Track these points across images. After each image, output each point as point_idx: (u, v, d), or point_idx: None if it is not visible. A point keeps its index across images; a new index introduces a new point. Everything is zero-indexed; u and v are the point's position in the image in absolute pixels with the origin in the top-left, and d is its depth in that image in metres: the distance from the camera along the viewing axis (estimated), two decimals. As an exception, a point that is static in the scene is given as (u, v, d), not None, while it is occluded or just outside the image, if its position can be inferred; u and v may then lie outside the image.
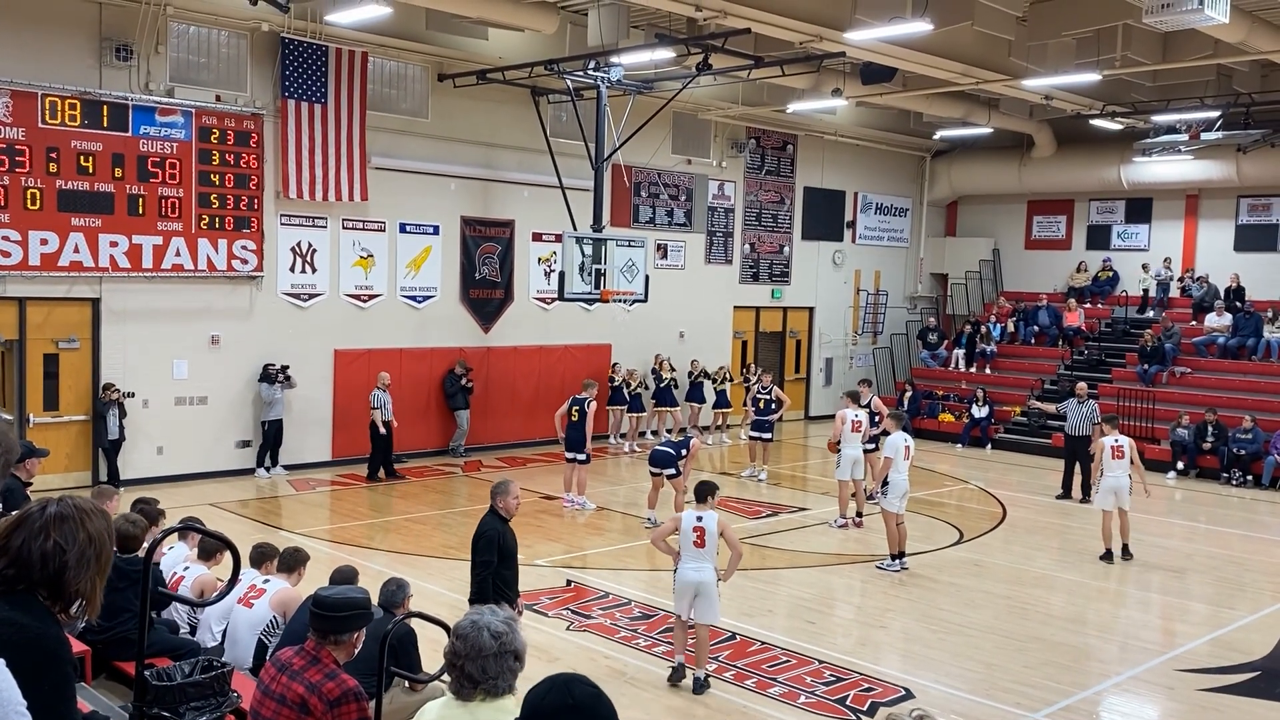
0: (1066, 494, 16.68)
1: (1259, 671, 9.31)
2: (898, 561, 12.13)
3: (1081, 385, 17.41)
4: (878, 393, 25.11)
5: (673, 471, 13.65)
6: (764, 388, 17.46)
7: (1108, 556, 12.93)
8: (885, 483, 12.14)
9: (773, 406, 17.26)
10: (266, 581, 6.95)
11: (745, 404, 19.05)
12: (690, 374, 21.12)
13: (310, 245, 16.85)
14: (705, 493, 8.79)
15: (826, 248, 24.95)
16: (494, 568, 7.42)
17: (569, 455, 15.06)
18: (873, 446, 14.66)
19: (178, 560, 7.48)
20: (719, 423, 21.37)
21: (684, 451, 13.82)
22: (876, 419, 14.93)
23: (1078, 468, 16.51)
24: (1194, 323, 22.38)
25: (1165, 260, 23.59)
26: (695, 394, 21.11)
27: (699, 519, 8.71)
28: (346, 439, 17.19)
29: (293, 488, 15.76)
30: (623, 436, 20.07)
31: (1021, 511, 15.81)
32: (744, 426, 21.66)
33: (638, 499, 15.84)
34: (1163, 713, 8.59)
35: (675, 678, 8.50)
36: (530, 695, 2.61)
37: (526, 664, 3.36)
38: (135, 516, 6.83)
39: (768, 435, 17.45)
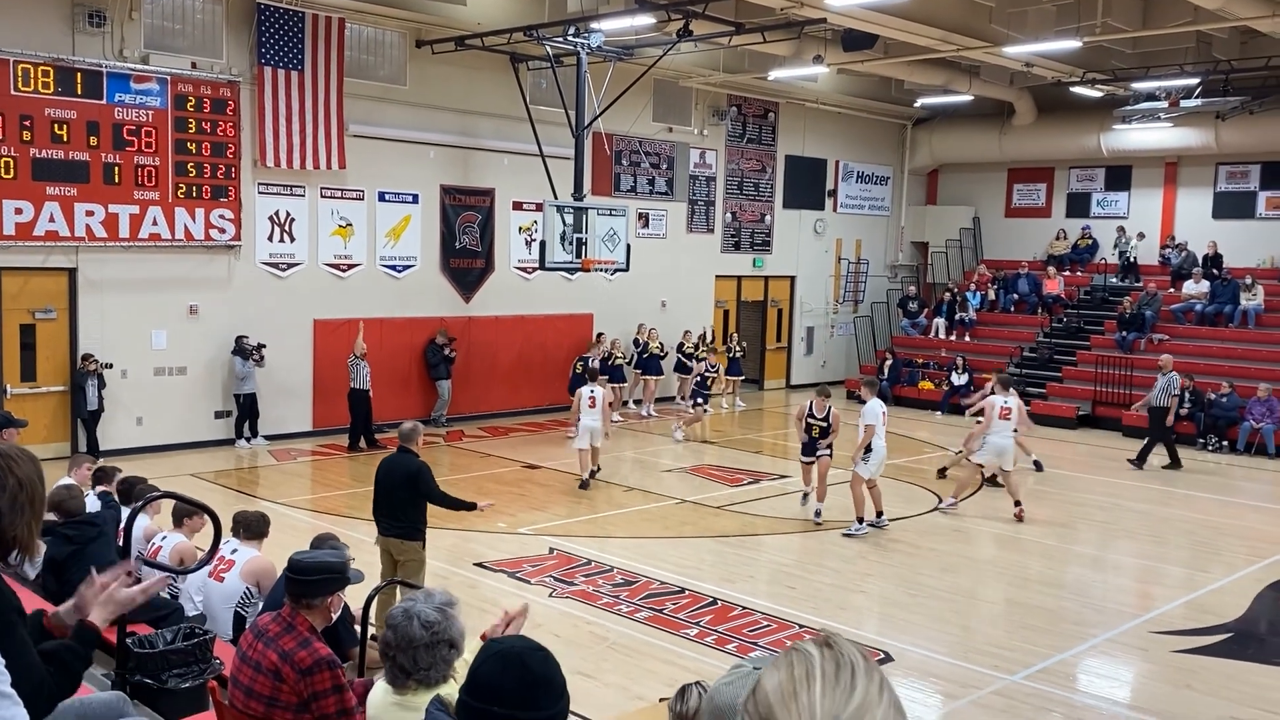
0: (1140, 464, 16.82)
1: (1232, 633, 9.45)
2: (865, 524, 12.28)
3: (1166, 358, 17.48)
4: (859, 360, 25.34)
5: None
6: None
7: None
8: (869, 450, 12.20)
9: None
10: (235, 552, 6.81)
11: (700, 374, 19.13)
12: (682, 347, 21.08)
13: (288, 214, 16.73)
14: (596, 373, 14.61)
15: (808, 216, 24.95)
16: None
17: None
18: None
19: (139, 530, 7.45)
20: (728, 389, 21.53)
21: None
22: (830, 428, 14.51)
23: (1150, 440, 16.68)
24: (1172, 290, 22.51)
25: (1138, 234, 23.61)
26: (683, 368, 21.11)
27: (592, 392, 14.07)
28: (327, 409, 17.16)
29: (273, 458, 15.73)
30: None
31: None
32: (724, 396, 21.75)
33: (620, 468, 15.90)
34: (1138, 674, 8.72)
35: (584, 485, 13.80)
36: (481, 675, 2.37)
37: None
38: (74, 486, 6.91)
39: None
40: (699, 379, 18.88)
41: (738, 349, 21.96)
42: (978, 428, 13.73)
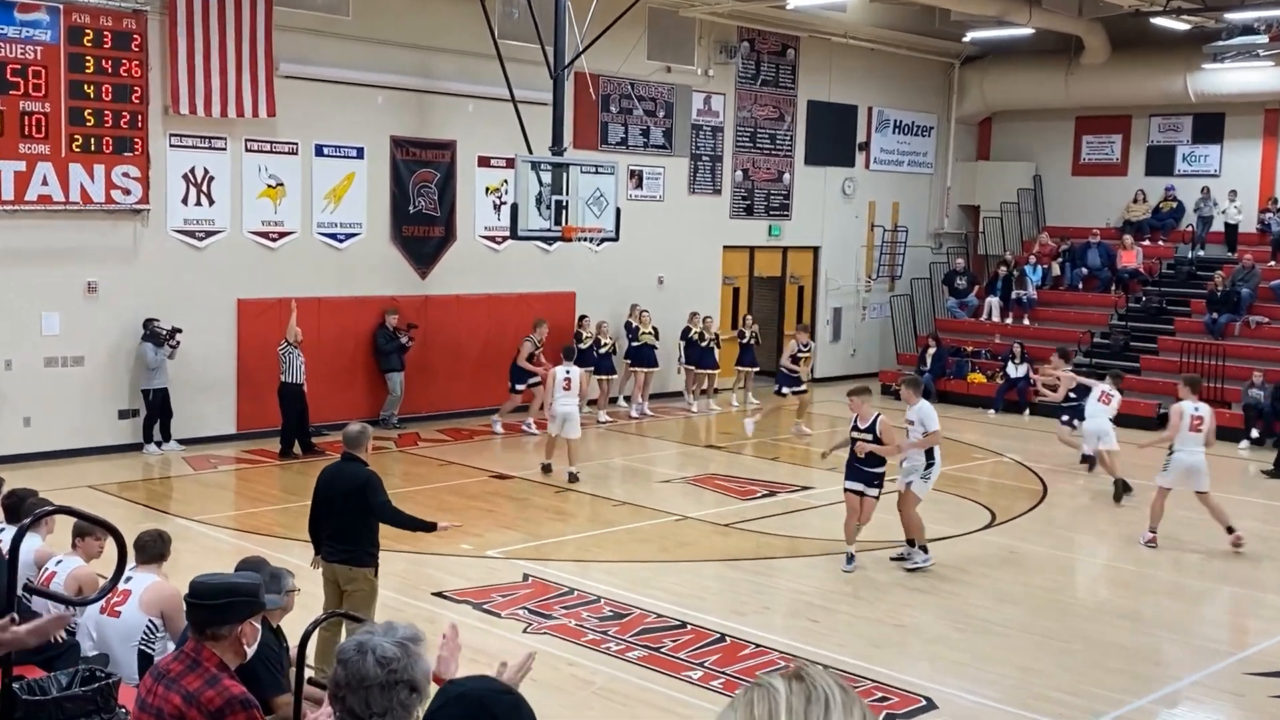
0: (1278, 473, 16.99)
1: (1343, 674, 9.50)
2: (929, 553, 12.02)
3: None
4: (896, 348, 25.37)
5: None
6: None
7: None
8: (929, 462, 11.84)
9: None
10: (130, 580, 6.70)
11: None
12: (688, 332, 21.06)
13: (206, 172, 16.68)
14: (572, 351, 16.19)
15: (835, 175, 24.94)
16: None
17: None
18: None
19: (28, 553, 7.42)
20: (739, 382, 21.66)
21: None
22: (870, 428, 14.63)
23: None
24: (1273, 263, 22.58)
25: (1230, 194, 23.61)
26: (700, 358, 21.14)
27: (567, 372, 15.21)
28: (253, 408, 17.14)
29: (189, 466, 15.72)
30: (591, 404, 20.09)
31: (1066, 489, 15.97)
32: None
33: (607, 476, 15.91)
34: (1229, 723, 8.77)
35: (546, 470, 15.25)
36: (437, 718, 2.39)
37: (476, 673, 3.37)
38: None
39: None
40: (790, 358, 19.19)
41: (751, 334, 21.97)
42: (1155, 438, 13.25)
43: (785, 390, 19.11)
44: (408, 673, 3.34)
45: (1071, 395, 16.92)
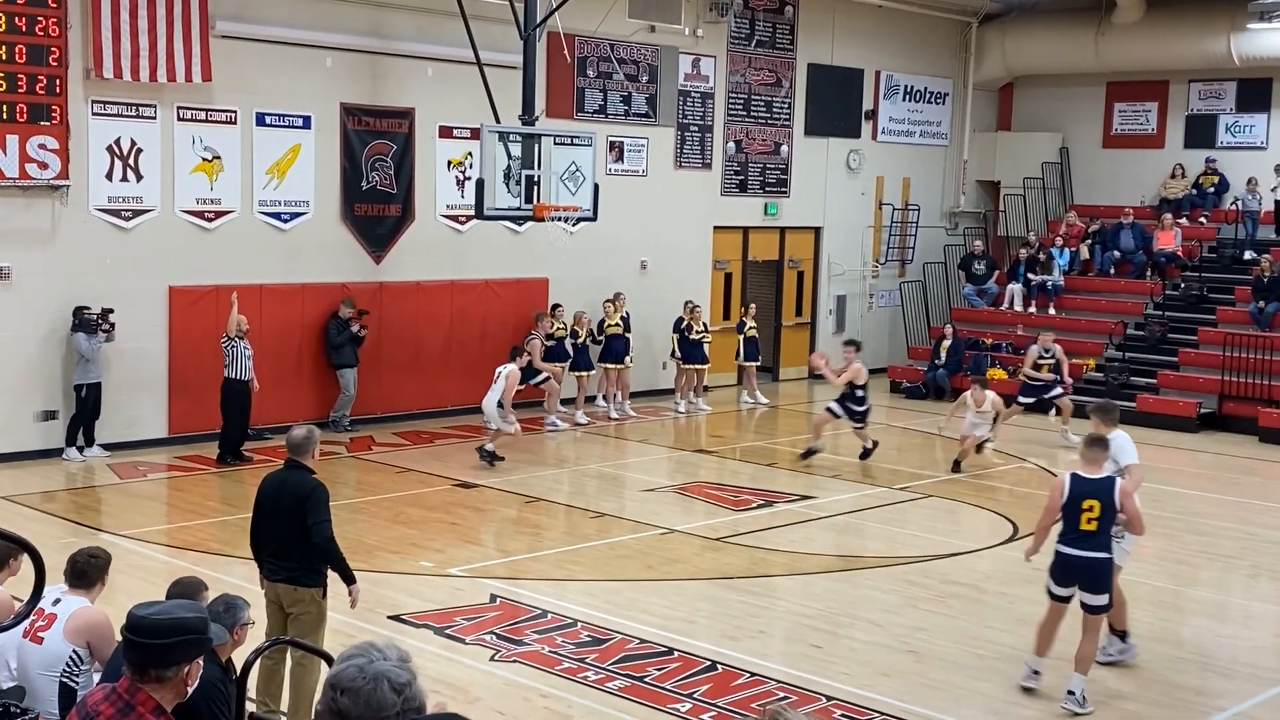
0: None
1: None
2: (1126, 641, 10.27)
3: None
4: (907, 340, 25.43)
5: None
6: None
7: None
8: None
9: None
10: (58, 604, 6.68)
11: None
12: (681, 323, 21.05)
13: (134, 144, 16.62)
14: (517, 352, 16.34)
15: (838, 147, 24.98)
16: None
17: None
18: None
19: None
20: (695, 383, 21.52)
21: None
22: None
23: None
24: (1325, 246, 22.70)
25: (1276, 169, 23.71)
26: (691, 354, 21.15)
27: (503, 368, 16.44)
28: (188, 408, 17.09)
29: (115, 475, 15.66)
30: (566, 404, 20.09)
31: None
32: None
33: (584, 484, 15.92)
34: (1278, 759, 8.82)
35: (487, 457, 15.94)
36: None
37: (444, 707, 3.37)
38: None
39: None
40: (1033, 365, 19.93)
41: (750, 326, 22.00)
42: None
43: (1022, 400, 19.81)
44: (419, 698, 3.30)
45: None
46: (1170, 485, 16.63)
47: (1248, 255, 23.06)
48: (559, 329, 19.79)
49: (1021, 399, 19.86)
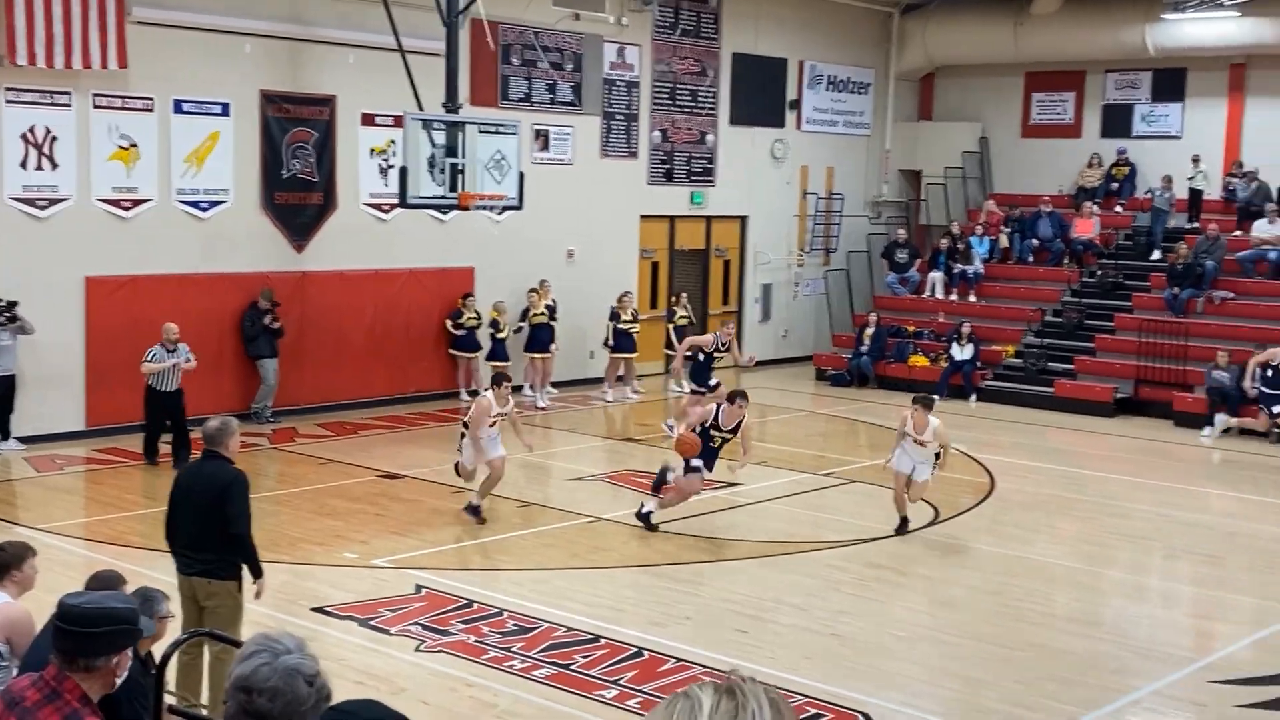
0: None
1: (1312, 680, 9.78)
2: None
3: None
4: (832, 327, 25.58)
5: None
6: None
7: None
8: None
9: None
10: None
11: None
12: (618, 315, 21.08)
13: (48, 132, 16.38)
14: (500, 380, 13.98)
15: (763, 136, 25.08)
16: None
17: None
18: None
19: None
20: (623, 372, 21.53)
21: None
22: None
23: None
24: (1239, 233, 23.09)
25: (1192, 159, 23.94)
26: (623, 344, 21.22)
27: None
28: (105, 400, 16.87)
29: (32, 468, 15.44)
30: (472, 394, 19.93)
31: (1015, 482, 16.24)
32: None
33: (510, 476, 15.86)
34: (1192, 735, 9.00)
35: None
36: None
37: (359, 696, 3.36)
38: None
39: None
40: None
41: (681, 315, 22.10)
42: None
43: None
44: (327, 687, 3.30)
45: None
46: (1087, 469, 16.92)
47: (1155, 255, 23.38)
48: (470, 319, 19.73)
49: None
